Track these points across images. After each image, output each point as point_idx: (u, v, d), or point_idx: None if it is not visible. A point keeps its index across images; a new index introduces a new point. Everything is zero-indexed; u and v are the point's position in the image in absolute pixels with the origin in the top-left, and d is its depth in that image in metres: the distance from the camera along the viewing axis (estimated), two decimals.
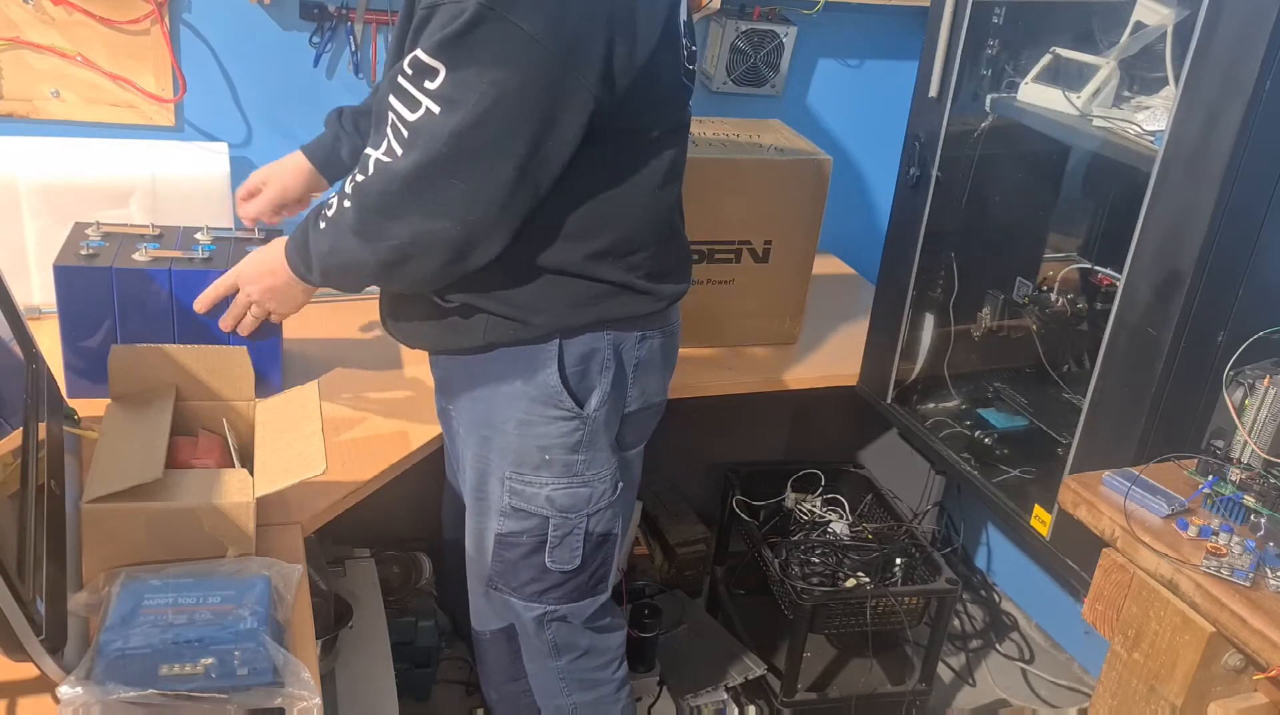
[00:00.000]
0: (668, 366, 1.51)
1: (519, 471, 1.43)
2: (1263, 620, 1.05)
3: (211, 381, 1.38)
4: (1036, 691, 2.35)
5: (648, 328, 1.43)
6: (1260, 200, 1.32)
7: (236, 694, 1.00)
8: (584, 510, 1.45)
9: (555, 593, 1.50)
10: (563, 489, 1.43)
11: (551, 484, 1.43)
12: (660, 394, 1.51)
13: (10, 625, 0.92)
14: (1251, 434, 1.22)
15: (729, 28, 2.24)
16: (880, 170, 2.30)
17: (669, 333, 1.48)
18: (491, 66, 1.17)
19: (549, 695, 1.61)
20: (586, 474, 1.43)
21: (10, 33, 1.85)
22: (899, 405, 1.99)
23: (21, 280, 1.78)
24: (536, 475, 1.42)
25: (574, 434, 1.41)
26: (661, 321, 1.45)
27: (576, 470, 1.43)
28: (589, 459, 1.43)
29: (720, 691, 2.07)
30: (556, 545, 1.46)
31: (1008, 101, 1.76)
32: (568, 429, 1.40)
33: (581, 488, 1.44)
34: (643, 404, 1.47)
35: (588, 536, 1.47)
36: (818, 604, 1.93)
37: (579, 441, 1.41)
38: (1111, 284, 1.62)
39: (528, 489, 1.43)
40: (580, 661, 1.58)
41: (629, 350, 1.42)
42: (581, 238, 1.32)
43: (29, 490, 1.08)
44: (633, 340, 1.42)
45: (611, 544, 1.52)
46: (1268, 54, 1.23)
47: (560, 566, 1.47)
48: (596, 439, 1.42)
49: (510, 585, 1.50)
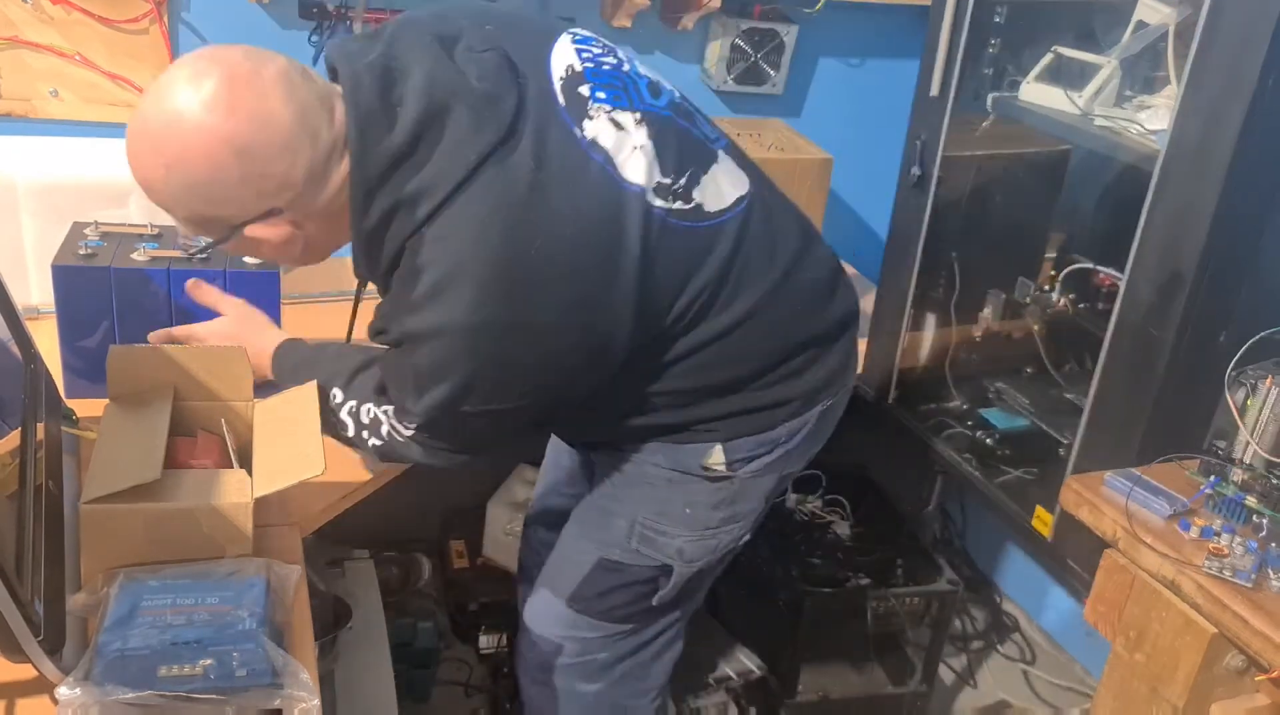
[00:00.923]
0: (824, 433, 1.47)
1: (658, 520, 1.40)
2: (1265, 621, 1.04)
3: (210, 382, 1.38)
4: (1038, 692, 2.35)
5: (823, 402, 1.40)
6: (1263, 199, 1.32)
7: (235, 695, 1.00)
8: (707, 559, 1.44)
9: (643, 617, 1.48)
10: (695, 541, 1.41)
11: (685, 536, 1.40)
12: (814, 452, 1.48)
13: (9, 626, 0.91)
14: (1254, 435, 1.22)
15: (729, 26, 2.24)
16: (881, 170, 2.28)
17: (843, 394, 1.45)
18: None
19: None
20: (720, 528, 1.41)
21: (9, 32, 1.85)
22: (900, 405, 1.98)
23: (20, 280, 1.77)
24: (673, 527, 1.40)
25: (719, 492, 1.39)
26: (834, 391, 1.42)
27: (713, 523, 1.41)
28: (729, 515, 1.41)
29: (720, 691, 2.06)
30: (671, 587, 1.44)
31: (1009, 101, 1.76)
32: (714, 488, 1.39)
33: (711, 540, 1.42)
34: (803, 466, 1.47)
35: (694, 575, 1.45)
36: (818, 604, 1.93)
37: (723, 500, 1.39)
38: (1113, 284, 1.62)
39: (660, 538, 1.40)
40: (617, 688, 1.54)
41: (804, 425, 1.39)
42: (707, 400, 1.32)
43: (27, 491, 1.08)
44: (810, 417, 1.40)
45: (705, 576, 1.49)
46: (1270, 53, 1.23)
47: (663, 600, 1.46)
48: (741, 498, 1.41)
49: (593, 608, 1.47)
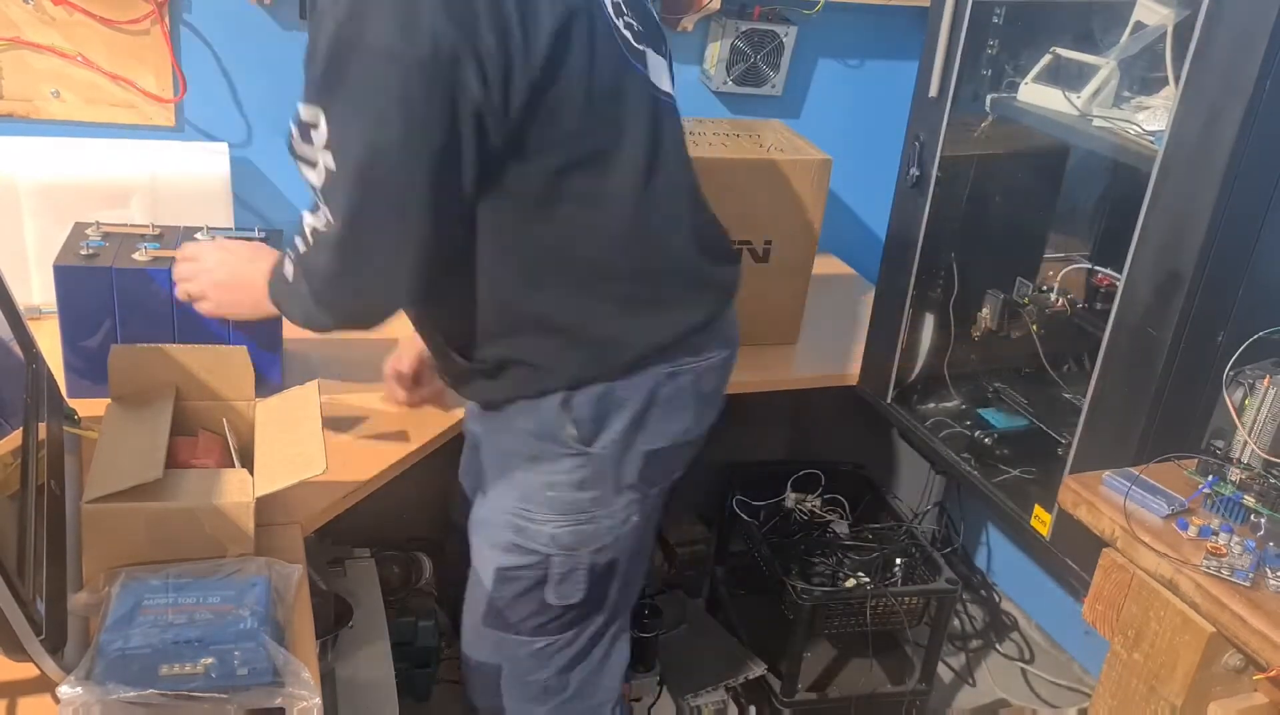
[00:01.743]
0: (703, 400, 1.42)
1: (524, 508, 1.39)
2: (1263, 620, 1.05)
3: (211, 381, 1.38)
4: (1037, 691, 2.35)
5: (677, 363, 1.36)
6: (1260, 200, 1.32)
7: (236, 694, 1.00)
8: (588, 546, 1.40)
9: (554, 625, 1.45)
10: (567, 526, 1.38)
11: (555, 521, 1.38)
12: (692, 431, 1.43)
13: (10, 625, 0.92)
14: (1251, 434, 1.22)
15: (729, 27, 2.24)
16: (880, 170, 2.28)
17: (703, 368, 1.39)
18: (361, 98, 1.13)
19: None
20: (593, 511, 1.38)
21: (10, 33, 1.85)
22: (899, 405, 1.99)
23: (21, 280, 1.78)
24: (540, 512, 1.38)
25: (578, 471, 1.36)
26: (691, 353, 1.37)
27: (583, 507, 1.38)
28: (596, 497, 1.37)
29: (720, 691, 2.07)
30: (560, 581, 1.41)
31: (1008, 101, 1.76)
32: (572, 466, 1.36)
33: (588, 525, 1.38)
34: (666, 442, 1.39)
35: (592, 570, 1.42)
36: (818, 604, 1.93)
37: (584, 480, 1.36)
38: (1111, 284, 1.62)
39: (530, 526, 1.39)
40: (568, 706, 1.52)
41: (653, 390, 1.35)
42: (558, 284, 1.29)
43: (29, 490, 1.08)
44: (660, 378, 1.35)
45: (614, 572, 1.46)
46: (1268, 54, 1.23)
47: (564, 601, 1.43)
48: (605, 477, 1.37)
49: (507, 623, 1.45)
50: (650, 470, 1.40)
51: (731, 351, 1.46)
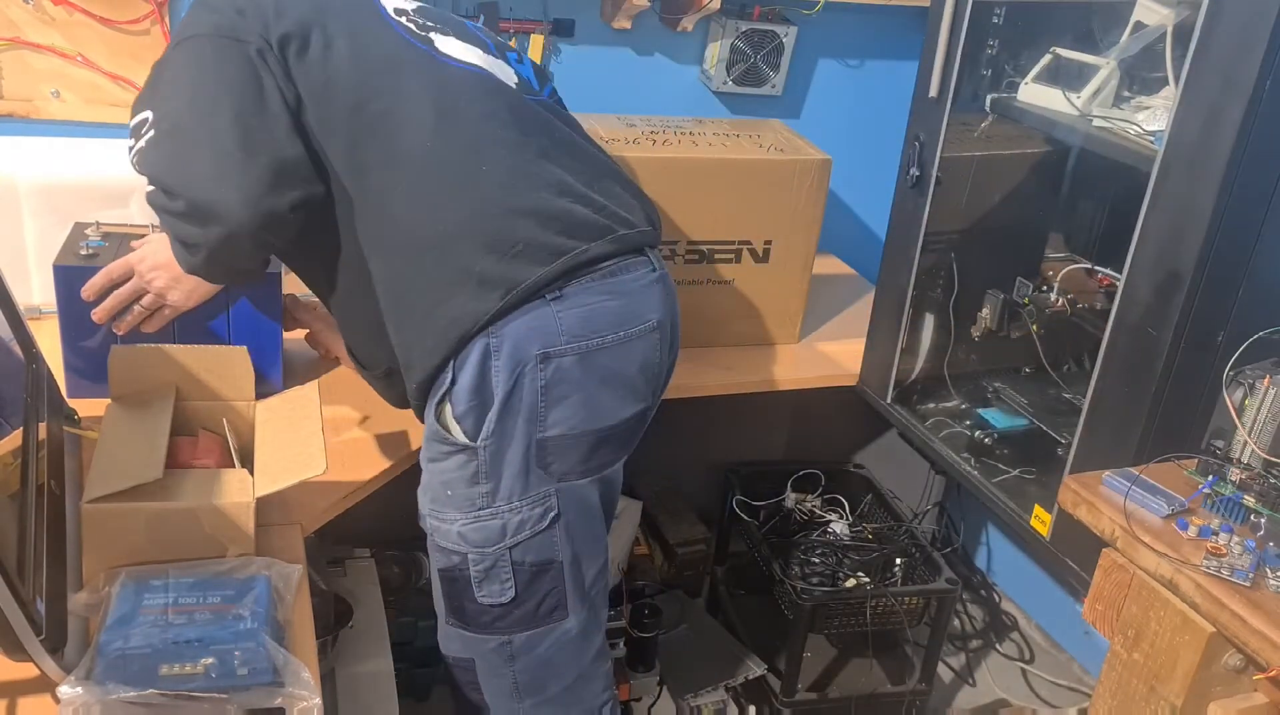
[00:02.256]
0: (613, 388, 1.36)
1: (434, 508, 1.39)
2: (1263, 620, 1.05)
3: (211, 381, 1.38)
4: (1036, 691, 2.36)
5: (550, 344, 1.31)
6: (1260, 200, 1.32)
7: (236, 694, 1.00)
8: (501, 542, 1.36)
9: (502, 624, 1.41)
10: (470, 524, 1.36)
11: (460, 519, 1.36)
12: (602, 419, 1.36)
13: (10, 625, 0.92)
14: (1251, 434, 1.22)
15: (729, 27, 2.24)
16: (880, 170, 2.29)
17: (594, 349, 1.33)
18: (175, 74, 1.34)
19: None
20: (494, 506, 1.35)
21: (10, 33, 1.85)
22: (899, 405, 1.99)
23: (21, 280, 1.77)
24: (445, 511, 1.37)
25: (466, 466, 1.33)
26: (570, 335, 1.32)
27: (480, 503, 1.35)
28: (492, 490, 1.34)
29: (720, 691, 2.07)
30: (483, 579, 1.38)
31: (1008, 101, 1.76)
32: (460, 462, 1.34)
33: (492, 521, 1.35)
34: (565, 430, 1.34)
35: (517, 567, 1.37)
36: (818, 604, 1.93)
37: (475, 474, 1.34)
38: (1111, 284, 1.62)
39: (442, 525, 1.38)
40: (546, 708, 1.48)
41: (528, 372, 1.30)
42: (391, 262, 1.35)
43: (29, 490, 1.08)
44: (531, 359, 1.30)
45: (556, 570, 1.40)
46: (1268, 54, 1.23)
47: (493, 600, 1.39)
48: (499, 469, 1.33)
49: (461, 620, 1.44)
50: (554, 460, 1.35)
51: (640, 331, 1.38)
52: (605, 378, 1.36)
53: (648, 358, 1.40)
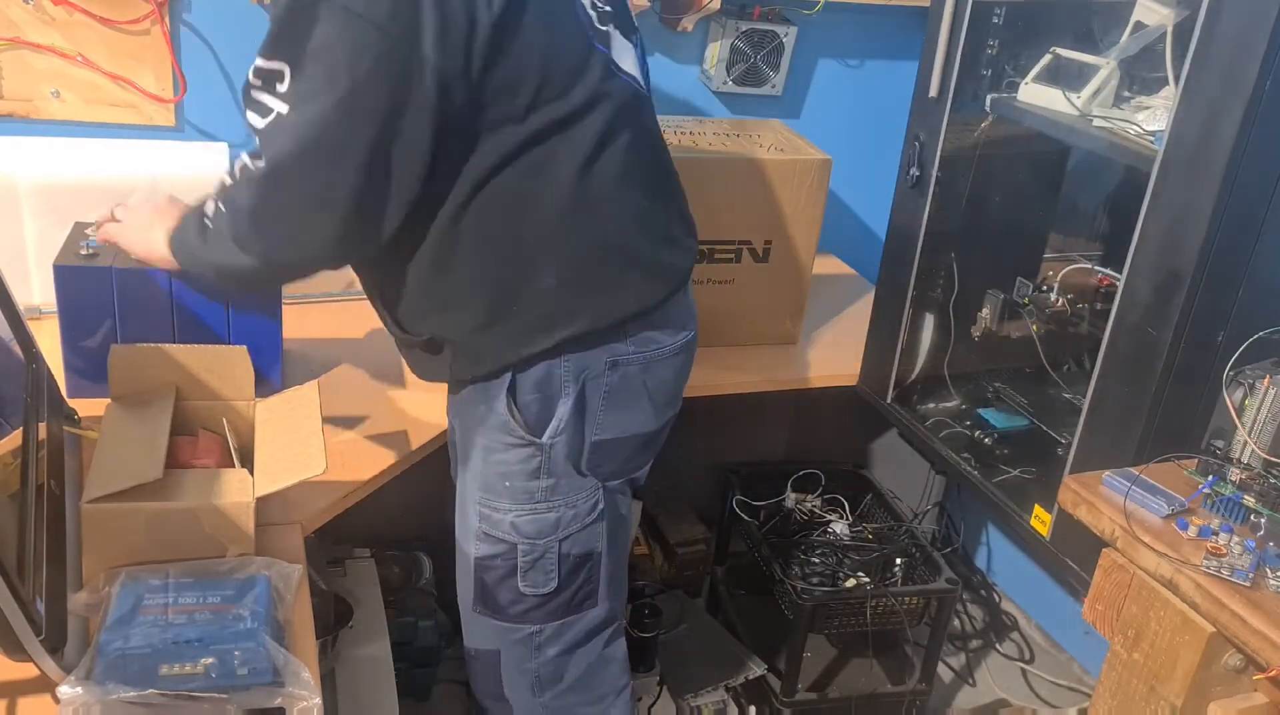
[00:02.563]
0: (657, 395, 1.43)
1: (486, 497, 1.40)
2: (1263, 620, 1.05)
3: (211, 381, 1.38)
4: (1036, 691, 2.35)
5: (619, 353, 1.36)
6: (1260, 200, 1.32)
7: (236, 694, 1.00)
8: (553, 535, 1.40)
9: (537, 613, 1.46)
10: (526, 516, 1.39)
11: (515, 511, 1.39)
12: (647, 425, 1.43)
13: (10, 625, 0.92)
14: (1251, 434, 1.22)
15: (729, 27, 2.24)
16: (880, 170, 2.29)
17: (652, 359, 1.39)
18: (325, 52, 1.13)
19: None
20: (552, 500, 1.39)
21: (10, 33, 1.85)
22: (899, 405, 1.99)
23: (21, 280, 1.78)
24: (500, 501, 1.39)
25: (530, 461, 1.36)
26: (638, 345, 1.37)
27: (539, 497, 1.38)
28: (552, 486, 1.38)
29: (720, 691, 2.07)
30: (529, 569, 1.42)
31: (1008, 101, 1.76)
32: (523, 456, 1.36)
33: (548, 514, 1.39)
34: (617, 434, 1.40)
35: (563, 559, 1.42)
36: (818, 604, 1.93)
37: (537, 469, 1.37)
38: (1111, 284, 1.62)
39: (494, 515, 1.40)
40: (566, 699, 1.52)
41: (595, 378, 1.35)
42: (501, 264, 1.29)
43: (29, 490, 1.08)
44: (600, 367, 1.35)
45: (595, 562, 1.46)
46: (1268, 54, 1.23)
47: (535, 590, 1.43)
48: (557, 467, 1.37)
49: (491, 609, 1.46)
50: (602, 462, 1.41)
51: (684, 343, 1.45)
52: (656, 386, 1.42)
53: (683, 368, 1.48)
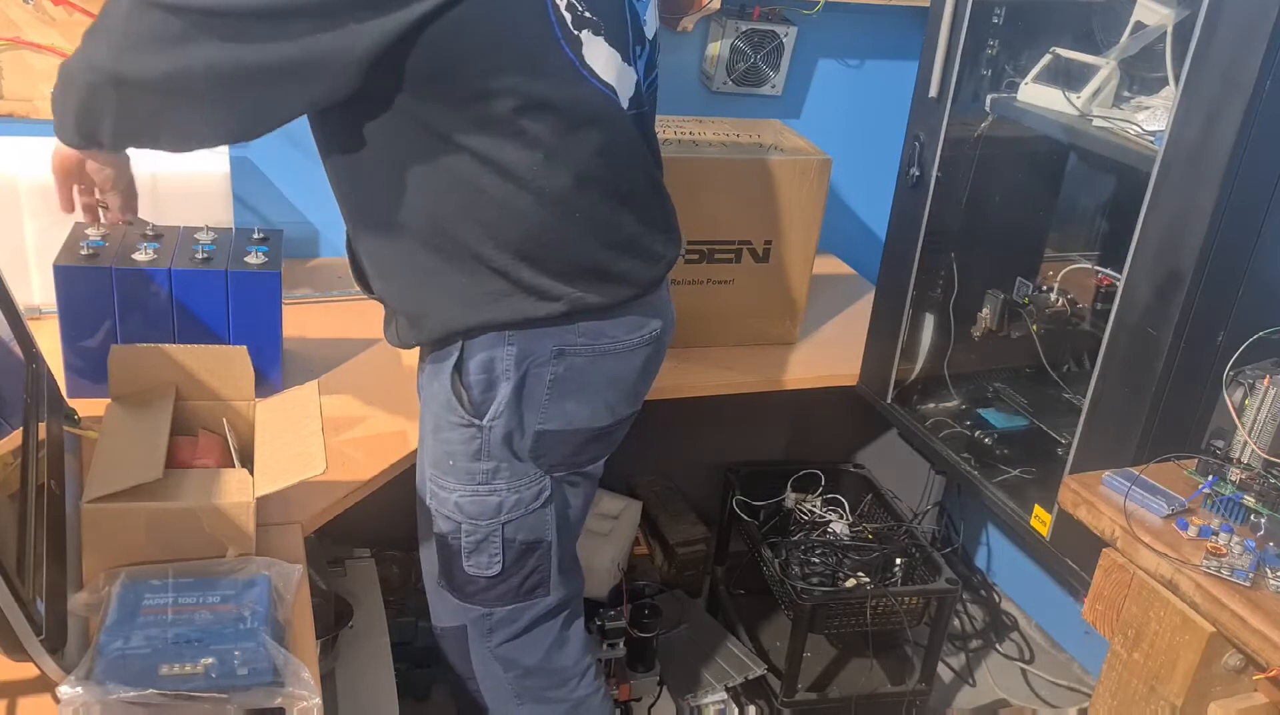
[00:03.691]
0: (610, 391, 1.40)
1: (435, 474, 1.40)
2: (1263, 620, 1.05)
3: (211, 381, 1.38)
4: (1036, 691, 2.35)
5: (566, 342, 1.33)
6: (1260, 200, 1.32)
7: (236, 694, 1.00)
8: (495, 518, 1.39)
9: (487, 595, 1.45)
10: (469, 496, 1.38)
11: (459, 490, 1.38)
12: (597, 419, 1.40)
13: (10, 625, 0.92)
14: (1251, 434, 1.22)
15: (729, 28, 2.24)
16: (880, 170, 2.29)
17: (603, 352, 1.36)
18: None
19: (499, 700, 1.55)
20: (493, 483, 1.37)
21: (10, 33, 1.85)
22: (899, 405, 1.99)
23: (21, 280, 1.78)
24: (446, 479, 1.39)
25: (472, 442, 1.35)
26: (592, 336, 1.35)
27: (480, 479, 1.37)
28: (493, 469, 1.37)
29: (720, 691, 2.07)
30: (472, 550, 1.41)
31: (1008, 101, 1.76)
32: (466, 436, 1.35)
33: (490, 497, 1.38)
34: (563, 426, 1.37)
35: (507, 543, 1.41)
36: (818, 604, 1.93)
37: (479, 450, 1.36)
38: (1111, 284, 1.62)
39: (441, 492, 1.40)
40: (529, 681, 1.53)
41: (540, 365, 1.33)
42: (454, 229, 1.25)
43: (29, 490, 1.08)
44: (545, 353, 1.32)
45: (544, 550, 1.44)
46: (1268, 54, 1.23)
47: (480, 572, 1.42)
48: (496, 450, 1.36)
49: (451, 584, 1.46)
50: (545, 453, 1.38)
51: (646, 339, 1.41)
52: (609, 381, 1.39)
53: (647, 365, 1.44)
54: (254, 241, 1.63)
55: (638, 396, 1.47)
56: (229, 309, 1.58)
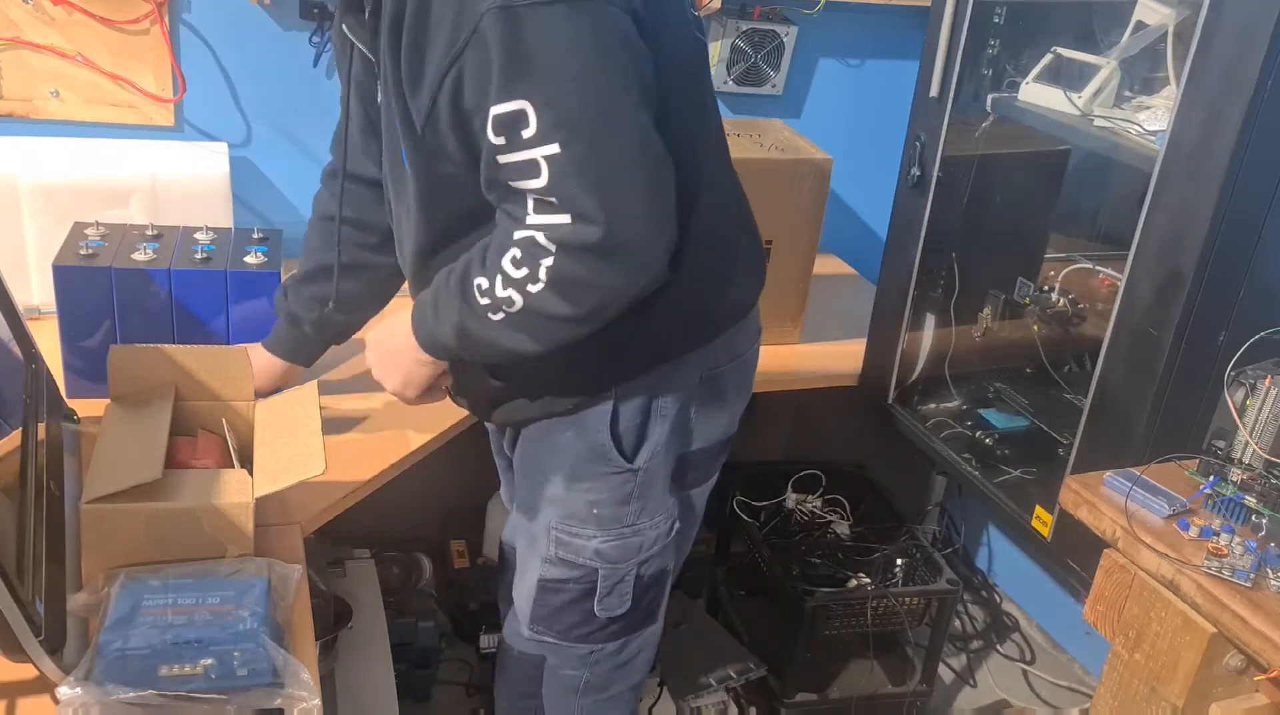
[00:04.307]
0: (738, 397, 1.41)
1: (566, 524, 1.35)
2: (1264, 621, 1.04)
3: (211, 381, 1.38)
4: (1037, 692, 2.35)
5: (710, 365, 1.32)
6: (1261, 200, 1.32)
7: (236, 695, 1.00)
8: (635, 559, 1.37)
9: (600, 634, 1.42)
10: (612, 541, 1.35)
11: (600, 536, 1.35)
12: (729, 428, 1.41)
13: (10, 626, 0.92)
14: (1253, 434, 1.22)
15: (729, 27, 2.24)
16: (880, 170, 2.29)
17: (734, 364, 1.36)
18: (561, 64, 1.01)
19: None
20: (638, 524, 1.35)
21: (10, 33, 1.85)
22: (900, 405, 1.98)
23: (21, 280, 1.77)
24: (584, 528, 1.35)
25: (624, 487, 1.33)
26: (728, 352, 1.35)
27: (627, 521, 1.35)
28: (640, 508, 1.35)
29: (720, 691, 2.06)
30: (607, 594, 1.38)
31: (1009, 101, 1.76)
32: (617, 483, 1.32)
33: (633, 538, 1.36)
34: (706, 443, 1.37)
35: (639, 581, 1.39)
36: (818, 604, 1.93)
37: (629, 494, 1.33)
38: (1112, 284, 1.62)
39: (575, 541, 1.35)
40: (604, 705, 1.51)
41: (690, 394, 1.32)
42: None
43: (28, 490, 1.08)
44: (694, 383, 1.31)
45: (664, 581, 1.44)
46: (1269, 54, 1.23)
47: (610, 613, 1.40)
48: (649, 489, 1.34)
49: (553, 629, 1.42)
50: (688, 471, 1.39)
51: (759, 344, 1.45)
52: (736, 388, 1.40)
53: (755, 361, 1.46)
54: (254, 241, 1.63)
55: (750, 392, 1.47)
56: (229, 309, 1.58)
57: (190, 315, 1.55)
